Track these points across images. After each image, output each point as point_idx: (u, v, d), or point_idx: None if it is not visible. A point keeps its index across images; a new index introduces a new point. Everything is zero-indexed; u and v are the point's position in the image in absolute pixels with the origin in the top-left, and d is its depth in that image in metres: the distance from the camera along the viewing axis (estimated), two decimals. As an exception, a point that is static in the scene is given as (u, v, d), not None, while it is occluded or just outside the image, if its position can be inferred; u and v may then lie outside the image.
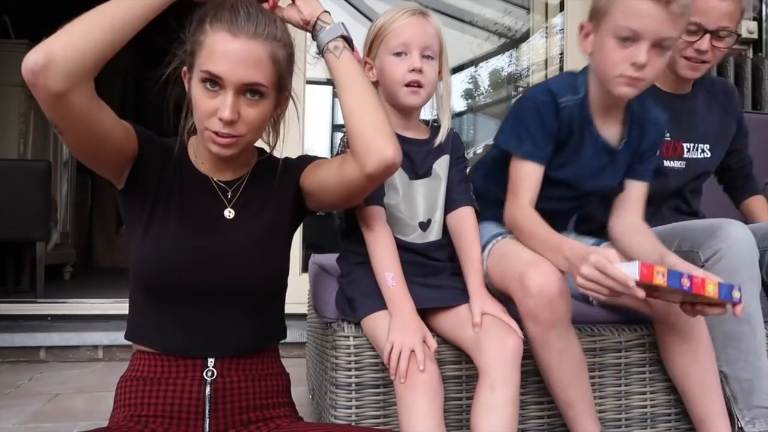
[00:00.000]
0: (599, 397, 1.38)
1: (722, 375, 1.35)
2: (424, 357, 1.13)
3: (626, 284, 1.02)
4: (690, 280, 1.04)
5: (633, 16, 1.22)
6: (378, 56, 1.34)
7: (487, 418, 1.12)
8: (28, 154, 3.82)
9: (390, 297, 1.21)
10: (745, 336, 1.33)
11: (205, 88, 0.99)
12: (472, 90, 4.01)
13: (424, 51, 1.30)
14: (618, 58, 1.25)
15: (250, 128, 1.02)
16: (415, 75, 1.29)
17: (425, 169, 1.36)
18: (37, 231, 3.31)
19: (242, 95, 1.00)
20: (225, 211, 1.10)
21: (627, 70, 1.25)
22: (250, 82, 0.99)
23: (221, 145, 1.01)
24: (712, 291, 1.06)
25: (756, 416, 1.32)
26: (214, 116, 0.99)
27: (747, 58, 2.93)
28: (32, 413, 1.91)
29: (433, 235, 1.36)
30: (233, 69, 0.97)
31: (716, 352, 1.33)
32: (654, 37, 1.22)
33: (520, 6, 3.68)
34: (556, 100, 1.34)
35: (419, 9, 1.32)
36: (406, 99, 1.32)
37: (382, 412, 1.28)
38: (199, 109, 1.01)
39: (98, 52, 0.90)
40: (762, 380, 1.33)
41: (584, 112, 1.37)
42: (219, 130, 0.99)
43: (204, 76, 0.99)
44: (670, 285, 1.02)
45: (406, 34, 1.29)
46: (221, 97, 0.98)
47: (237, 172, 1.13)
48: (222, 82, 0.98)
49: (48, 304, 2.99)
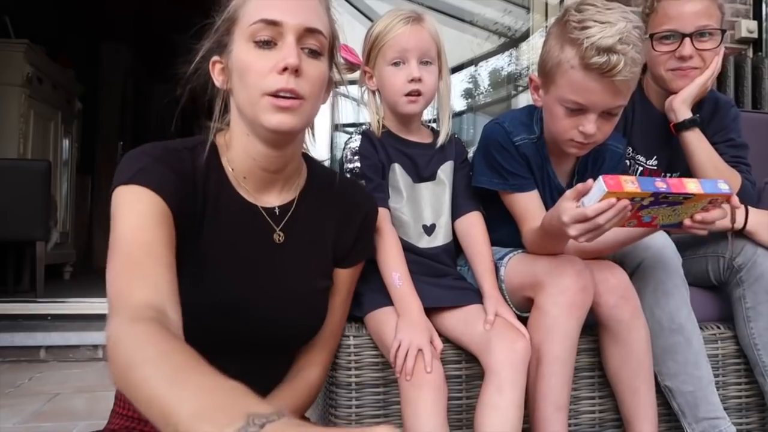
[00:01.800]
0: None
1: (667, 390, 1.34)
2: (431, 357, 1.13)
3: (609, 206, 1.01)
4: (665, 182, 1.02)
5: (578, 91, 1.20)
6: (377, 66, 1.35)
7: (493, 419, 1.12)
8: (28, 154, 3.81)
9: (397, 296, 1.22)
10: (681, 347, 1.32)
11: (258, 46, 0.87)
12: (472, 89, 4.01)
13: (422, 58, 1.31)
14: (567, 125, 1.25)
15: (312, 89, 0.88)
16: (414, 85, 1.30)
17: (429, 172, 1.37)
18: (37, 231, 3.31)
19: (301, 48, 0.88)
20: (274, 236, 0.97)
21: (576, 136, 1.25)
22: (311, 27, 0.87)
23: (283, 109, 0.85)
24: (694, 187, 1.03)
25: (705, 429, 1.31)
26: (273, 72, 0.85)
27: (747, 57, 2.93)
28: (32, 413, 1.91)
29: (439, 239, 1.37)
30: (292, 11, 0.86)
31: (658, 366, 1.32)
32: (602, 109, 1.21)
33: (520, 5, 3.67)
34: (510, 138, 1.34)
35: (414, 15, 1.33)
36: (405, 108, 1.33)
37: (382, 411, 1.28)
38: (254, 71, 0.86)
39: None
40: (705, 391, 1.32)
41: (541, 151, 1.37)
42: (283, 86, 0.85)
43: (256, 29, 0.86)
44: (644, 189, 1.00)
45: (402, 43, 1.30)
46: (278, 51, 0.86)
47: (287, 191, 0.99)
48: (280, 29, 0.86)
49: (48, 304, 3.00)
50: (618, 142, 1.44)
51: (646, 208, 1.06)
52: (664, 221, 1.13)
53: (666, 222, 1.13)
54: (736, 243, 1.42)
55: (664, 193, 1.01)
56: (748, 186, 1.55)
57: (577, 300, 1.19)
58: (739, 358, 1.46)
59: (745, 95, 2.81)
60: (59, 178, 4.35)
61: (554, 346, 1.19)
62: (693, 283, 1.44)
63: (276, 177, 0.97)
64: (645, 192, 1.01)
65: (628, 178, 1.01)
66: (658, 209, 1.07)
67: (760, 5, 3.19)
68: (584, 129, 1.23)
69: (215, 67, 0.95)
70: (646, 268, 1.33)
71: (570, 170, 1.42)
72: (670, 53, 1.54)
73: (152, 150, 0.88)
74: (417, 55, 1.30)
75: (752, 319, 1.40)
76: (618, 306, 1.25)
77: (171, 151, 0.90)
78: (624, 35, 1.15)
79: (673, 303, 1.33)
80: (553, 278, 1.20)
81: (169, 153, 0.89)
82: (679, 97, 1.53)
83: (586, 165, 1.41)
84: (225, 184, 0.94)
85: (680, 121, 1.53)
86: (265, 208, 0.97)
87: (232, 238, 0.92)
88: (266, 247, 0.96)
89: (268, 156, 0.93)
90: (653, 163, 1.66)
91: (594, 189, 1.03)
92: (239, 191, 0.95)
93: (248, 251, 0.94)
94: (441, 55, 1.36)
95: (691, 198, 1.04)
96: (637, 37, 1.18)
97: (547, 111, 1.31)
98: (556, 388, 1.19)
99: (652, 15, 1.59)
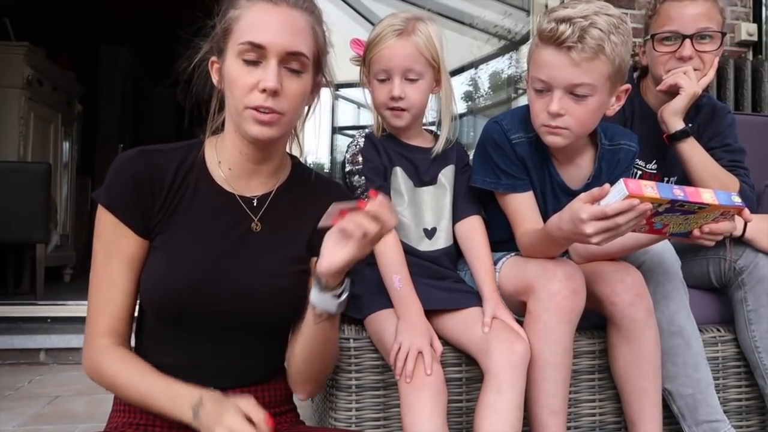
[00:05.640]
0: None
1: (667, 392, 1.34)
2: (431, 359, 1.13)
3: (630, 207, 1.00)
4: (682, 191, 1.03)
5: (540, 67, 1.23)
6: (369, 74, 1.36)
7: (492, 421, 1.12)
8: (28, 156, 3.81)
9: (397, 298, 1.22)
10: (680, 350, 1.33)
11: (245, 63, 0.95)
12: (472, 92, 4.01)
13: (406, 75, 1.31)
14: (537, 108, 1.27)
15: (292, 105, 0.97)
16: (395, 102, 1.31)
17: (430, 176, 1.37)
18: (37, 233, 3.30)
19: (284, 67, 0.95)
20: (252, 225, 1.03)
21: (546, 119, 1.26)
22: (293, 51, 0.95)
23: (263, 123, 0.94)
24: (709, 198, 1.04)
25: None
26: (255, 90, 0.94)
27: (747, 60, 2.93)
28: (32, 415, 1.91)
29: (440, 243, 1.37)
30: (276, 36, 0.94)
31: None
32: (563, 85, 1.22)
33: (520, 8, 3.67)
34: (507, 137, 1.35)
35: (405, 27, 1.30)
36: (390, 121, 1.35)
37: (382, 414, 1.28)
38: (238, 86, 0.95)
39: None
40: (704, 393, 1.32)
41: (541, 150, 1.37)
42: (261, 104, 0.94)
43: (243, 48, 0.94)
44: (663, 195, 1.00)
45: (385, 59, 1.30)
46: (262, 69, 0.94)
47: (267, 183, 1.06)
48: (264, 52, 0.94)
49: (48, 306, 2.99)
50: (630, 139, 1.43)
51: (660, 215, 1.06)
52: (674, 230, 1.13)
53: (676, 231, 1.14)
54: (737, 247, 1.42)
55: (681, 201, 1.02)
56: (746, 189, 1.56)
57: (568, 304, 1.18)
58: (740, 361, 1.46)
59: (745, 98, 2.82)
60: (59, 180, 4.35)
61: (546, 351, 1.19)
62: (694, 285, 1.44)
63: (259, 168, 1.04)
64: (664, 198, 1.01)
65: (648, 183, 1.01)
66: (672, 217, 1.07)
67: (760, 8, 3.20)
68: (549, 108, 1.23)
69: (213, 66, 1.03)
70: (646, 271, 1.33)
71: (584, 172, 1.40)
72: (671, 54, 1.55)
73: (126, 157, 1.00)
74: (400, 73, 1.30)
75: (753, 321, 1.40)
76: (633, 305, 1.25)
77: (152, 153, 1.01)
78: (588, 15, 1.18)
79: (672, 306, 1.33)
80: (543, 283, 1.20)
81: (146, 156, 1.00)
82: (670, 109, 1.54)
83: (601, 166, 1.40)
84: (205, 175, 1.03)
85: (672, 132, 1.54)
86: (243, 198, 1.04)
87: (208, 223, 1.01)
88: (243, 233, 1.02)
89: (253, 151, 1.02)
90: (653, 167, 1.66)
91: (613, 192, 1.02)
92: (219, 182, 1.03)
93: (224, 235, 1.01)
94: (438, 63, 1.34)
95: (706, 208, 1.05)
96: (609, 24, 1.19)
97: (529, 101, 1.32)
98: (549, 393, 1.19)
99: (654, 17, 1.60)
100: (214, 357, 1.00)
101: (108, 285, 0.98)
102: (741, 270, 1.41)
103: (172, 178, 1.00)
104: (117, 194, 0.98)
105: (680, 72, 1.54)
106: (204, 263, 0.98)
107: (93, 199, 1.00)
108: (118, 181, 0.98)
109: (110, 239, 0.97)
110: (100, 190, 0.99)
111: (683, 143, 1.54)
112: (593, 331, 1.39)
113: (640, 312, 1.25)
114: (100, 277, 0.98)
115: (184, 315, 0.97)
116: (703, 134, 1.63)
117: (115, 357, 0.96)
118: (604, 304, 1.27)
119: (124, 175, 0.98)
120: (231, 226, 1.02)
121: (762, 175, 1.77)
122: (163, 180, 1.00)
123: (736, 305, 1.44)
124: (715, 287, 1.51)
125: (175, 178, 1.01)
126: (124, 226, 0.97)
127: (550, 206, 1.38)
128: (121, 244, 0.97)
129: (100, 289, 0.98)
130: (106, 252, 0.98)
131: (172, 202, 1.00)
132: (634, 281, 1.26)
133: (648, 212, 1.02)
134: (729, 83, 2.83)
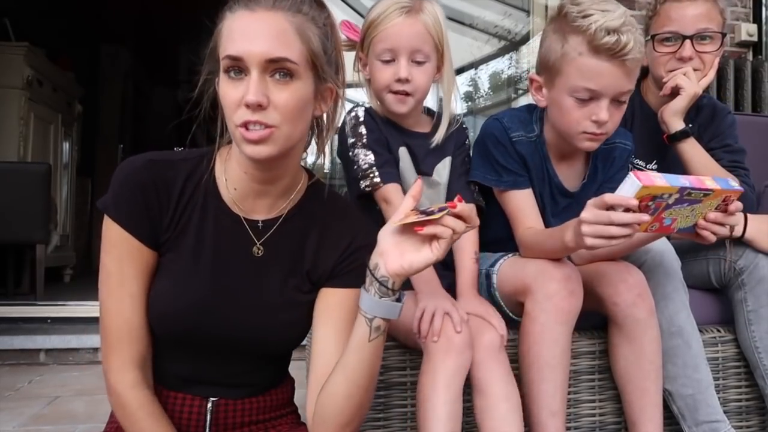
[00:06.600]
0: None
1: (667, 393, 1.34)
2: (459, 318, 1.11)
3: (627, 203, 1.00)
4: (687, 179, 1.04)
5: (590, 77, 1.21)
6: (369, 55, 1.29)
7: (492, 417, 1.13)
8: (28, 157, 3.81)
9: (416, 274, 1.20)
10: (680, 350, 1.33)
11: (230, 78, 0.87)
12: (472, 92, 4.01)
13: (413, 56, 1.24)
14: (579, 116, 1.25)
15: (285, 116, 0.87)
16: (401, 85, 1.25)
17: (426, 168, 1.35)
18: (37, 233, 3.30)
19: (269, 76, 0.86)
20: (253, 249, 0.97)
21: (589, 127, 1.24)
22: (273, 57, 0.85)
23: (253, 141, 0.85)
24: (711, 183, 1.05)
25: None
26: (241, 105, 0.85)
27: (747, 60, 2.93)
28: (32, 416, 1.91)
29: None
30: (252, 44, 0.85)
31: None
32: (614, 93, 1.22)
33: (520, 9, 3.67)
34: (508, 134, 1.34)
35: (411, 5, 1.24)
36: (392, 106, 1.28)
37: (383, 414, 1.28)
38: (227, 103, 0.88)
39: None
40: (704, 393, 1.32)
41: (540, 151, 1.36)
42: (248, 119, 0.85)
43: (226, 64, 0.87)
44: (672, 184, 1.01)
45: (393, 38, 1.23)
46: (245, 82, 0.85)
47: (275, 206, 0.99)
48: (244, 63, 0.85)
49: (48, 307, 2.99)
50: (625, 138, 1.44)
51: (669, 208, 1.06)
52: (681, 224, 1.13)
53: (683, 225, 1.14)
54: (737, 247, 1.42)
55: (688, 188, 1.02)
56: (746, 190, 1.56)
57: (565, 305, 1.18)
58: (740, 361, 1.46)
59: (745, 98, 2.82)
60: (59, 180, 4.35)
61: (544, 353, 1.19)
62: (693, 285, 1.44)
63: (266, 189, 0.97)
64: (673, 187, 1.01)
65: (656, 174, 1.02)
66: (680, 209, 1.07)
67: (760, 9, 3.20)
68: (598, 117, 1.22)
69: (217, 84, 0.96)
70: (646, 271, 1.33)
71: (578, 173, 1.40)
72: (671, 54, 1.55)
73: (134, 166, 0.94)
74: (408, 53, 1.24)
75: (753, 322, 1.40)
76: (636, 305, 1.25)
77: (160, 164, 0.95)
78: (626, 18, 1.19)
79: (672, 306, 1.33)
80: (540, 284, 1.20)
81: (154, 167, 0.94)
82: (670, 109, 1.54)
83: (596, 166, 1.40)
84: (214, 193, 0.96)
85: (672, 133, 1.54)
86: (249, 221, 0.97)
87: (211, 245, 0.95)
88: (244, 258, 0.96)
89: (257, 171, 0.94)
90: (653, 167, 1.66)
91: (625, 185, 1.01)
92: (226, 202, 0.97)
93: (226, 259, 0.95)
94: (442, 46, 1.28)
95: (710, 195, 1.06)
96: (636, 22, 1.21)
97: (555, 107, 1.30)
98: (548, 394, 1.19)
99: (654, 17, 1.60)
100: (217, 373, 0.98)
101: (130, 304, 0.92)
102: (741, 270, 1.41)
103: (179, 193, 0.95)
104: (125, 207, 0.92)
105: (680, 73, 1.54)
106: (204, 290, 0.94)
107: (99, 209, 0.95)
108: (124, 193, 0.92)
109: (123, 254, 0.92)
110: (106, 200, 0.93)
111: (683, 143, 1.54)
112: (593, 332, 1.39)
113: (643, 312, 1.25)
114: (119, 296, 0.92)
115: (184, 338, 0.95)
116: (703, 135, 1.63)
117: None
118: (606, 304, 1.27)
119: (131, 185, 0.92)
120: (233, 250, 0.96)
121: (762, 175, 1.76)
122: (170, 194, 0.94)
123: (736, 306, 1.44)
124: (715, 288, 1.50)
125: (183, 192, 0.95)
126: (135, 240, 0.92)
127: (548, 207, 1.38)
128: (134, 257, 0.92)
129: (122, 309, 0.92)
130: (120, 268, 0.92)
131: (180, 219, 0.95)
132: (637, 281, 1.26)
133: (643, 222, 1.02)
134: (729, 84, 2.84)
